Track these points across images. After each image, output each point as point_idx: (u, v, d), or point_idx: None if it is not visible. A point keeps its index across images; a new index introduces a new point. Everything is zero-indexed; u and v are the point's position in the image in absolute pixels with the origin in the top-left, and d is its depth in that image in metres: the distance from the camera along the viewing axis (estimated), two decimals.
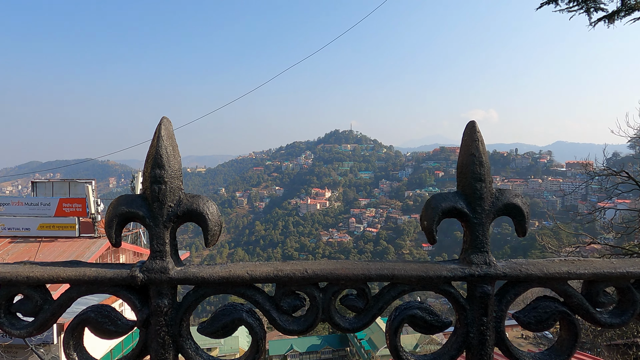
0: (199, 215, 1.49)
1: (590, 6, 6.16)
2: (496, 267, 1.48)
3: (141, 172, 19.19)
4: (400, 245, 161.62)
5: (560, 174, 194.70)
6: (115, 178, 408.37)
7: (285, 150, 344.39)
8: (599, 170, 13.52)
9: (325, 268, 1.38)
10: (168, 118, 1.43)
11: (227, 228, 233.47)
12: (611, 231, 16.55)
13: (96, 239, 22.50)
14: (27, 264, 1.36)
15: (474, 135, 1.56)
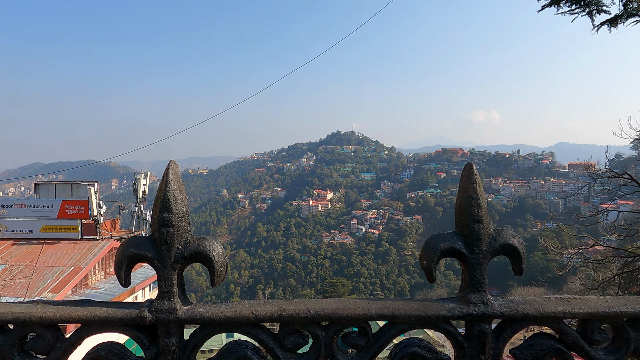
0: (206, 257, 1.59)
1: (592, 9, 6.16)
2: (493, 306, 1.53)
3: (143, 175, 19.24)
4: (402, 246, 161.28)
5: (562, 176, 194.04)
6: (118, 179, 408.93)
7: (287, 151, 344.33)
8: (602, 172, 13.46)
9: (328, 308, 1.43)
10: (175, 162, 1.50)
11: (229, 229, 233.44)
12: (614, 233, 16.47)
13: (98, 240, 22.53)
14: (40, 303, 1.43)
15: (471, 177, 1.65)
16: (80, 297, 19.40)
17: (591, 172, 14.42)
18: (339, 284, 68.73)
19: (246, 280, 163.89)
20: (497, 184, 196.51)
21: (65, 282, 18.32)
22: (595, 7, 6.09)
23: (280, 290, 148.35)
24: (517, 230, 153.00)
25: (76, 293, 19.09)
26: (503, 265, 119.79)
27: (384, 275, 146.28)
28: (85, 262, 19.96)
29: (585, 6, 6.20)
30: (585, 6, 6.20)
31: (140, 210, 27.40)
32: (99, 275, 21.86)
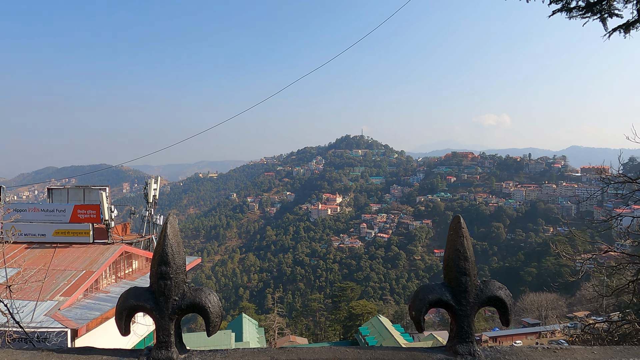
0: (202, 308, 1.73)
1: (604, 14, 6.11)
2: (480, 357, 1.57)
3: (153, 179, 19.32)
4: (412, 251, 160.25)
5: (575, 180, 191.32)
6: (129, 183, 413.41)
7: (297, 155, 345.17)
8: (615, 177, 13.24)
9: (319, 358, 1.50)
10: (174, 215, 1.64)
11: (239, 233, 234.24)
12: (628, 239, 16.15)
13: (110, 245, 22.77)
14: (44, 350, 1.55)
15: (459, 231, 1.72)
16: (92, 301, 19.63)
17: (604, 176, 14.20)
18: (348, 289, 68.46)
19: (255, 284, 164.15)
20: (508, 188, 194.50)
21: (77, 286, 18.52)
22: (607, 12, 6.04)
23: (289, 294, 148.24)
24: (529, 235, 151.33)
25: (88, 297, 19.30)
26: (514, 270, 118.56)
27: (393, 280, 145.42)
28: (96, 265, 20.17)
29: (597, 11, 6.16)
30: (597, 11, 6.16)
31: (150, 214, 27.65)
32: (110, 278, 22.07)
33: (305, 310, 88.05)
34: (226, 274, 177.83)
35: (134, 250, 24.14)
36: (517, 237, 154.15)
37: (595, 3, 6.11)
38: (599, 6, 6.11)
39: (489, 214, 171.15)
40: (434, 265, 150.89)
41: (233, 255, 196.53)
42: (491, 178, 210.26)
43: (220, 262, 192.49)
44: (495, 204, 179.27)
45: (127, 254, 23.56)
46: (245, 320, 44.07)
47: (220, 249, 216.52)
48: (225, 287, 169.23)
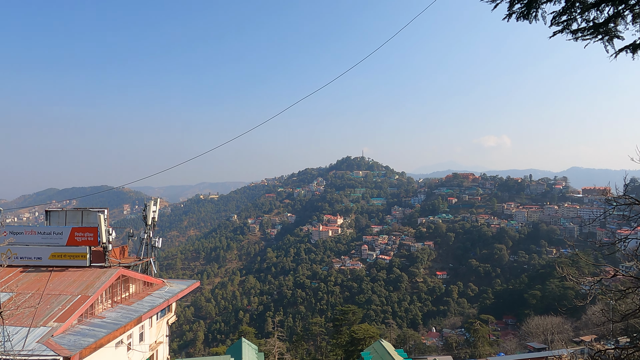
0: None
1: (606, 36, 6.06)
2: None
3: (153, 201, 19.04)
4: (414, 273, 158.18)
5: (576, 201, 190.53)
6: (130, 205, 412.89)
7: (297, 177, 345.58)
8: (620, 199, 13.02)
9: None
10: None
11: (239, 255, 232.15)
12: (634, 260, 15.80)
13: (107, 268, 22.38)
14: None
15: None
16: (87, 327, 19.11)
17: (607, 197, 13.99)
18: (350, 312, 67.20)
19: (255, 307, 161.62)
20: (510, 209, 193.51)
21: (72, 311, 18.09)
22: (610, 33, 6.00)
23: (290, 318, 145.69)
24: (532, 257, 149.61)
25: (82, 322, 18.82)
26: (518, 293, 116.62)
27: (395, 303, 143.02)
28: (92, 290, 19.76)
29: (599, 33, 6.11)
30: (599, 33, 6.11)
31: (149, 236, 27.31)
32: (105, 303, 21.59)
33: (306, 334, 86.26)
34: (226, 296, 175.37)
35: (131, 274, 23.70)
36: (520, 258, 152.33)
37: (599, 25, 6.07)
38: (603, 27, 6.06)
39: (491, 236, 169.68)
40: (436, 288, 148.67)
41: (233, 277, 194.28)
42: (492, 199, 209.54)
43: (220, 285, 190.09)
44: (497, 225, 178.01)
45: (124, 278, 23.11)
46: (244, 345, 42.98)
47: (220, 271, 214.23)
48: (225, 310, 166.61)
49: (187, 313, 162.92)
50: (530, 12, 6.43)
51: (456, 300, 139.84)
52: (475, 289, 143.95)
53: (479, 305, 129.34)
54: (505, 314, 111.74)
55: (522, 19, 6.59)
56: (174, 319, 28.62)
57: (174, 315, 28.51)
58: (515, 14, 6.63)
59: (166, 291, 25.77)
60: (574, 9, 6.45)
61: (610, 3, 5.96)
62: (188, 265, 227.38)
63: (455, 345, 75.18)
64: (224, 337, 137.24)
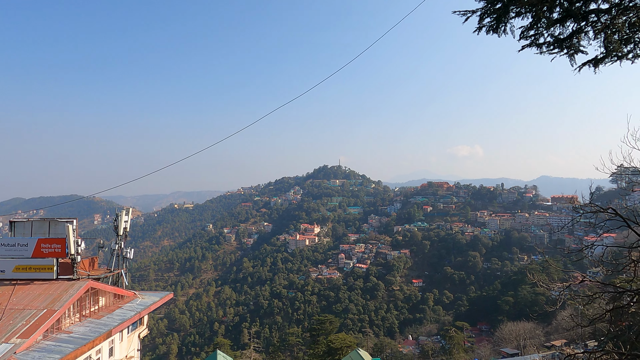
0: None
1: (570, 50, 6.33)
2: None
3: (125, 211, 18.56)
4: (391, 281, 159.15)
5: (546, 209, 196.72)
6: (101, 215, 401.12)
7: (274, 185, 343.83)
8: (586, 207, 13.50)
9: None
10: None
11: (214, 265, 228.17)
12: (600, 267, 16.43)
13: (75, 281, 21.58)
14: None
15: None
16: (53, 343, 18.29)
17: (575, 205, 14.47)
18: (327, 322, 66.95)
19: (231, 318, 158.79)
20: (483, 217, 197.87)
21: (37, 326, 17.32)
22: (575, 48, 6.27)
23: (266, 329, 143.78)
24: (505, 264, 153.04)
25: (48, 338, 18.03)
26: (492, 299, 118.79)
27: (372, 311, 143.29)
28: (59, 303, 18.99)
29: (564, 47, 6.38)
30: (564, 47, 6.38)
31: (120, 247, 26.53)
32: (73, 317, 20.77)
33: (283, 345, 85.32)
34: (201, 308, 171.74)
35: (101, 287, 22.93)
36: (493, 265, 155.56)
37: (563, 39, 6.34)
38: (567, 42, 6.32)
39: (465, 243, 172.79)
40: (412, 296, 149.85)
41: (208, 288, 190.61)
42: (466, 207, 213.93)
43: (195, 296, 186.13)
44: (471, 233, 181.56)
45: (93, 291, 22.33)
46: (219, 357, 42.17)
47: (195, 282, 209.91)
48: (200, 322, 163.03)
49: (160, 326, 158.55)
50: (500, 26, 6.66)
51: (432, 307, 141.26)
52: (451, 296, 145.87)
53: (454, 312, 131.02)
54: (480, 320, 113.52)
55: (491, 33, 6.82)
56: (146, 332, 27.78)
57: (146, 329, 27.68)
58: (485, 28, 6.85)
59: (138, 304, 25.03)
60: (540, 24, 6.71)
61: (573, 19, 6.23)
62: (162, 277, 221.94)
63: (432, 352, 75.79)
64: (199, 350, 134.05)
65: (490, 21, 6.69)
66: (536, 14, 6.31)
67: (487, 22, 6.78)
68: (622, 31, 6.36)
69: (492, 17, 6.61)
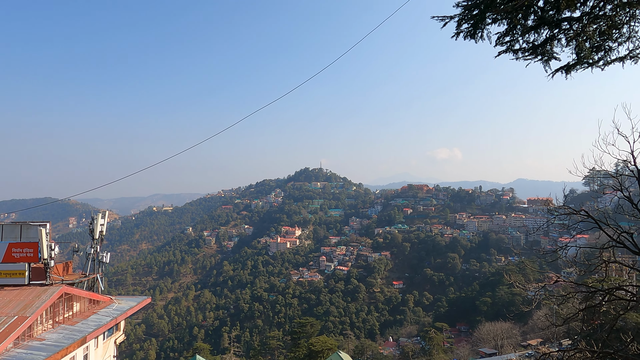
0: None
1: (544, 57, 6.52)
2: None
3: (101, 214, 18.09)
4: (371, 283, 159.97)
5: (522, 211, 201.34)
6: (76, 218, 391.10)
7: (255, 188, 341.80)
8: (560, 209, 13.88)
9: None
10: None
11: (194, 269, 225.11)
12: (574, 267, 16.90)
13: (48, 286, 20.95)
14: None
15: None
16: (24, 350, 17.69)
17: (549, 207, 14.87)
18: (308, 324, 66.82)
19: (211, 322, 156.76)
20: (462, 219, 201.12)
21: (7, 334, 16.72)
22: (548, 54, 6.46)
23: (247, 332, 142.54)
24: (483, 265, 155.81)
25: (19, 345, 17.44)
26: (470, 300, 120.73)
27: (353, 314, 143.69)
28: (31, 310, 18.39)
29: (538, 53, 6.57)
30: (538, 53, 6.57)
31: (96, 251, 25.89)
32: (46, 324, 20.15)
33: (264, 349, 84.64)
34: (180, 312, 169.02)
35: (76, 292, 22.32)
36: (471, 267, 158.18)
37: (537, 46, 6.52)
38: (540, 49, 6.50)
39: (444, 245, 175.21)
40: (393, 297, 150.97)
41: (188, 292, 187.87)
42: (445, 210, 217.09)
43: (174, 300, 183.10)
44: (450, 234, 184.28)
45: (67, 296, 21.71)
46: None
47: (174, 286, 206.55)
48: (179, 326, 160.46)
49: (137, 331, 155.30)
50: (477, 32, 6.81)
51: (412, 309, 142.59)
52: (430, 297, 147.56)
53: (434, 314, 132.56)
54: (459, 321, 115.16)
55: (469, 38, 6.95)
56: (122, 338, 27.16)
57: (122, 334, 27.06)
58: (462, 33, 6.99)
59: (114, 309, 24.46)
60: (515, 30, 6.88)
61: (547, 26, 6.42)
62: (139, 281, 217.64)
63: (412, 354, 76.45)
64: (177, 355, 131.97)
65: (467, 27, 6.84)
66: (511, 20, 6.48)
67: (465, 27, 6.92)
68: (593, 39, 6.60)
69: (469, 23, 6.75)
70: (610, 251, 13.02)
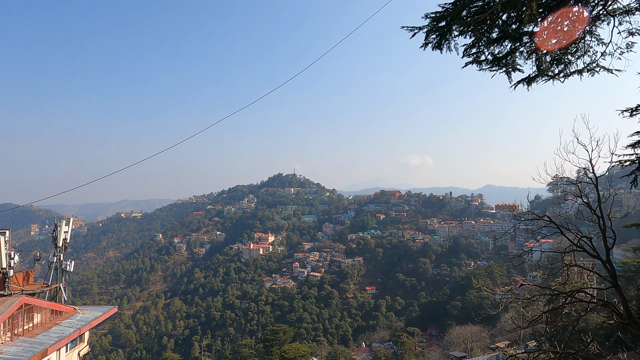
0: None
1: (508, 68, 6.80)
2: None
3: (65, 221, 17.39)
4: (344, 289, 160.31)
5: (490, 216, 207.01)
6: (39, 225, 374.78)
7: (228, 194, 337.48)
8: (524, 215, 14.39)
9: None
10: None
11: (164, 277, 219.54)
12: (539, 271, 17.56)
13: (6, 297, 19.95)
14: None
15: None
16: None
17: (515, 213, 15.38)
18: (281, 332, 66.18)
19: (181, 332, 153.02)
20: (433, 225, 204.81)
21: None
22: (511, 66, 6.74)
23: (218, 341, 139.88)
24: (453, 270, 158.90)
25: None
26: (441, 304, 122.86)
27: (326, 320, 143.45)
28: None
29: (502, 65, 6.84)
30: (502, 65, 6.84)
31: (59, 260, 24.87)
32: (4, 337, 19.19)
33: (235, 357, 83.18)
34: (148, 322, 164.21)
35: (37, 302, 21.34)
36: (442, 271, 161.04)
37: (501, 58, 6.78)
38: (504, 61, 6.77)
39: (416, 250, 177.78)
40: (365, 303, 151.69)
41: (157, 300, 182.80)
42: (417, 215, 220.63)
43: (143, 309, 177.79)
44: (422, 240, 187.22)
45: (27, 307, 20.73)
46: None
47: (142, 294, 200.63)
48: (147, 336, 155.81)
49: (103, 342, 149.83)
50: (444, 43, 7.02)
51: (384, 314, 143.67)
52: (402, 302, 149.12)
53: (406, 318, 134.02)
54: (430, 325, 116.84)
55: (437, 49, 7.16)
56: (86, 350, 26.12)
57: (86, 346, 26.03)
58: (431, 44, 7.19)
59: (78, 319, 23.53)
60: (481, 42, 7.14)
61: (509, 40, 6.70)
62: (106, 290, 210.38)
63: (384, 359, 76.95)
64: None
65: (435, 38, 7.05)
66: (477, 33, 6.72)
67: (433, 38, 7.13)
68: (553, 52, 6.92)
69: (436, 35, 6.96)
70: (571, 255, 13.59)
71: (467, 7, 6.30)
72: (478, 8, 6.37)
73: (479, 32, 6.69)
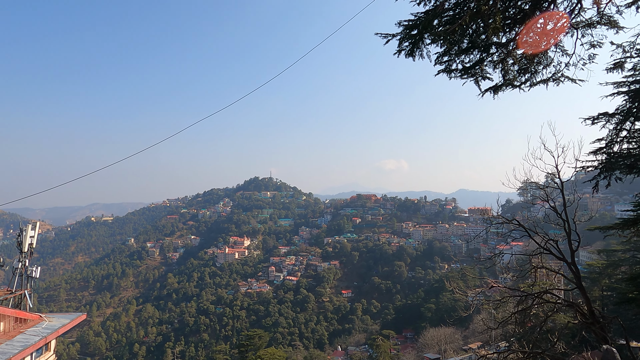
0: None
1: (477, 77, 7.04)
2: None
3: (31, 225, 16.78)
4: (321, 293, 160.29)
5: (464, 219, 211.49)
6: (2, 229, 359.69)
7: (203, 197, 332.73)
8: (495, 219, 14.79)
9: None
10: None
11: (136, 282, 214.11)
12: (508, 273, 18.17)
13: None
14: None
15: None
16: None
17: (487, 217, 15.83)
18: (256, 337, 65.51)
19: (153, 338, 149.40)
20: (408, 228, 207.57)
21: None
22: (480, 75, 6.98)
23: (192, 347, 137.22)
24: (428, 272, 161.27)
25: None
26: (416, 307, 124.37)
27: (302, 324, 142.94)
28: None
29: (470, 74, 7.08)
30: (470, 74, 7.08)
31: (24, 265, 23.95)
32: None
33: None
34: (119, 329, 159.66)
35: (0, 310, 20.47)
36: (417, 274, 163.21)
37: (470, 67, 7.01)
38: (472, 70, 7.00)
39: (391, 254, 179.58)
40: (341, 307, 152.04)
41: (128, 307, 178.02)
42: (392, 219, 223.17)
43: (113, 316, 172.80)
44: (397, 243, 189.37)
45: None
46: None
47: (113, 300, 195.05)
48: (118, 344, 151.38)
49: (71, 351, 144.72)
50: (416, 51, 7.20)
51: (360, 317, 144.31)
52: (378, 305, 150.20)
53: (382, 321, 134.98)
54: (405, 327, 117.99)
55: (409, 57, 7.34)
56: (53, 359, 25.21)
57: (53, 355, 25.11)
58: (404, 52, 7.36)
59: (44, 327, 22.68)
60: (452, 51, 7.36)
61: (478, 50, 6.94)
62: (74, 296, 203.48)
63: None
64: None
65: (407, 46, 7.22)
66: (447, 43, 6.93)
67: (405, 46, 7.30)
68: (520, 62, 7.21)
69: (409, 42, 7.13)
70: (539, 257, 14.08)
71: (438, 16, 6.50)
72: (449, 18, 6.58)
73: (449, 42, 6.91)
